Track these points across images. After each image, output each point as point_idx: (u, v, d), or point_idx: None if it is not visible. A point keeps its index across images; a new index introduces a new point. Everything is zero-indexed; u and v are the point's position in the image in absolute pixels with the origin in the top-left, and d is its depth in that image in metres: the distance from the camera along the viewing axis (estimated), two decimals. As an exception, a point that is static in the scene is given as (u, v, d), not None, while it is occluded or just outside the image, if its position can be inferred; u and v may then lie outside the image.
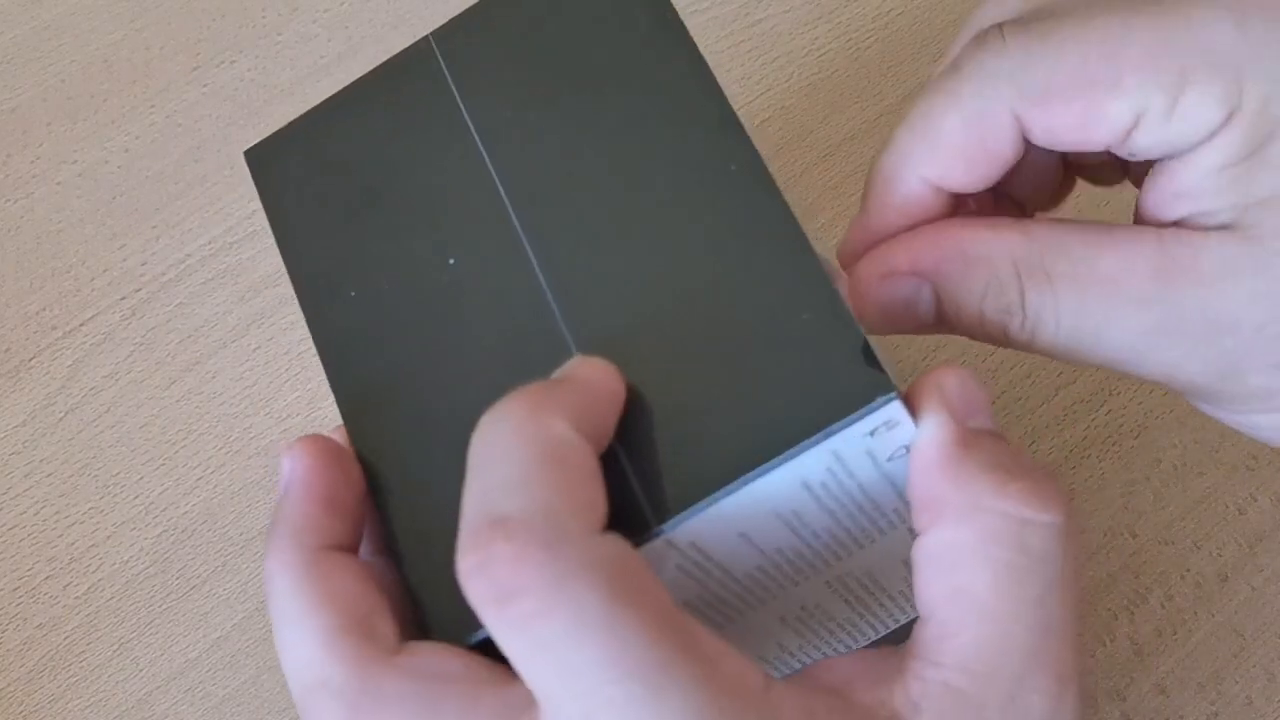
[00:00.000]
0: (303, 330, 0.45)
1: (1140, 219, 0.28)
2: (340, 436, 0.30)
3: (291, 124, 0.33)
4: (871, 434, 0.26)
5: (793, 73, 0.46)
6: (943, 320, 0.28)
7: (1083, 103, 0.26)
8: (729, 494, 0.26)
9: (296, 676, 0.27)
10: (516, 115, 0.30)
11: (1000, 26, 0.27)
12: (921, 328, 0.28)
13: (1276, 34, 0.25)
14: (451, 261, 0.29)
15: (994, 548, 0.26)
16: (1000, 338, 0.27)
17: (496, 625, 0.24)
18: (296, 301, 0.45)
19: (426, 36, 0.31)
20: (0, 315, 0.46)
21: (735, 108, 0.29)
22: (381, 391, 0.29)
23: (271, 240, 0.46)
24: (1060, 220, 0.28)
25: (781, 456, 0.26)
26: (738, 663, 0.25)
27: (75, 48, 0.51)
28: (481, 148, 0.30)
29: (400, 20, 0.50)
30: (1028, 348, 0.27)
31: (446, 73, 0.31)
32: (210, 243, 0.46)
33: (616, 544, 0.25)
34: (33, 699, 0.40)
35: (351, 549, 0.29)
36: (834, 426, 0.25)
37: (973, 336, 0.28)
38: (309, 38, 0.50)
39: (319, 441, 0.29)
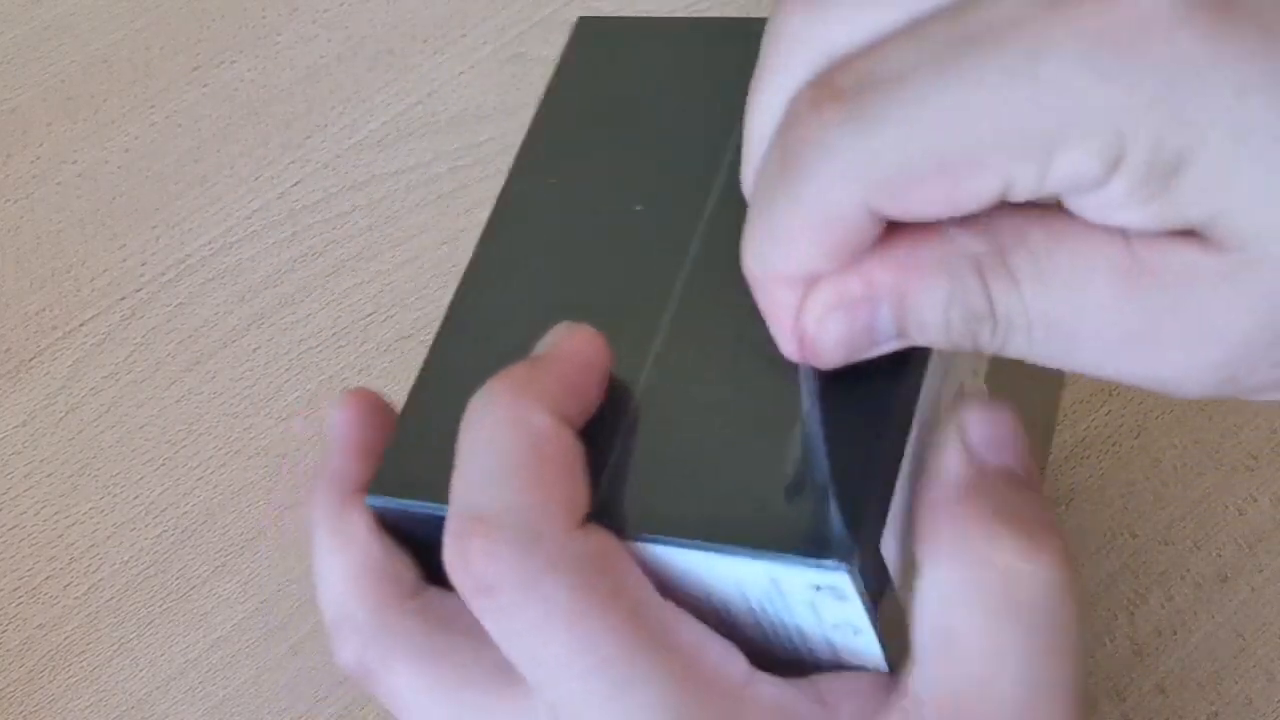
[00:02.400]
0: (302, 330, 0.45)
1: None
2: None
3: (626, 18, 0.33)
4: (817, 589, 0.25)
5: (793, 73, 0.46)
6: (906, 336, 0.25)
7: (942, 187, 0.22)
8: (654, 543, 0.26)
9: (327, 610, 0.29)
10: None
11: (829, 94, 0.23)
12: (884, 348, 0.25)
13: (1139, 72, 0.21)
14: (638, 208, 0.30)
15: (980, 592, 0.25)
16: (971, 346, 0.25)
17: (479, 613, 0.25)
18: (298, 301, 0.45)
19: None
20: (0, 315, 0.46)
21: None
22: (498, 278, 0.30)
23: (271, 240, 0.46)
24: (1020, 207, 0.24)
25: (715, 546, 0.25)
26: (719, 656, 0.26)
27: (75, 48, 0.51)
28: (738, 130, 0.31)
29: (400, 20, 0.50)
30: (1002, 354, 0.25)
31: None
32: (210, 243, 0.46)
33: (592, 540, 0.25)
34: (32, 699, 0.40)
35: None
36: (771, 554, 0.25)
37: (940, 347, 0.25)
38: (309, 38, 0.50)
39: (362, 395, 0.30)
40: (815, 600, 0.26)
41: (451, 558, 0.25)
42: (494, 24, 0.50)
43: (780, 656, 0.28)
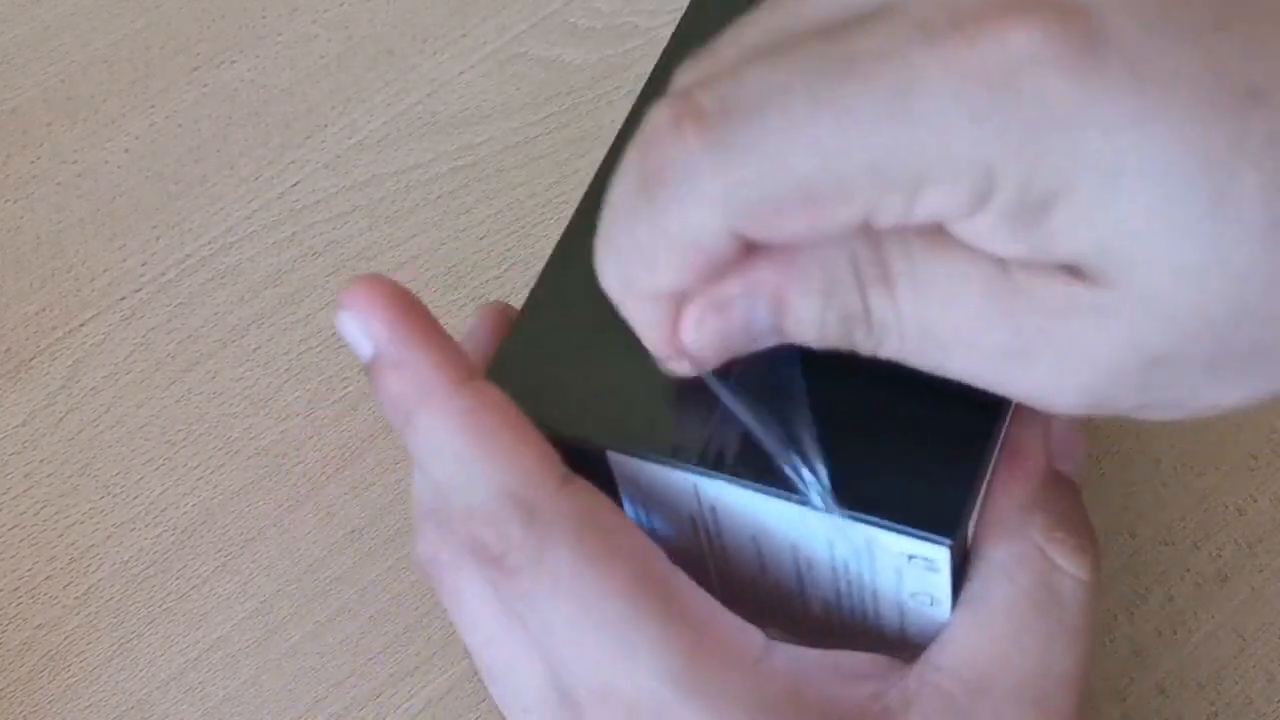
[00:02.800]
0: (302, 330, 0.45)
1: None
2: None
3: None
4: (910, 558, 0.26)
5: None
6: (782, 334, 0.25)
7: (807, 216, 0.22)
8: (754, 489, 0.26)
9: (419, 501, 0.29)
10: None
11: (689, 112, 0.22)
12: (761, 345, 0.25)
13: (1009, 115, 0.21)
14: None
15: (1020, 572, 0.27)
16: (847, 347, 0.24)
17: (501, 594, 0.26)
18: (298, 301, 0.45)
19: None
20: (0, 315, 0.46)
21: None
22: None
23: (271, 240, 0.46)
24: None
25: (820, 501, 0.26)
26: (731, 628, 0.26)
27: (75, 48, 0.51)
28: None
29: (400, 20, 0.50)
30: (876, 355, 0.24)
31: None
32: (210, 243, 0.46)
33: (580, 494, 0.26)
34: (32, 699, 0.40)
35: None
36: (877, 520, 0.26)
37: (818, 346, 0.25)
38: (309, 38, 0.50)
39: (500, 311, 0.30)
40: (903, 567, 0.26)
41: (467, 552, 0.26)
42: (494, 24, 0.50)
43: (844, 615, 0.29)
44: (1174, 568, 0.39)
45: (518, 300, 0.31)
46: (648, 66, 0.50)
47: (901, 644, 0.29)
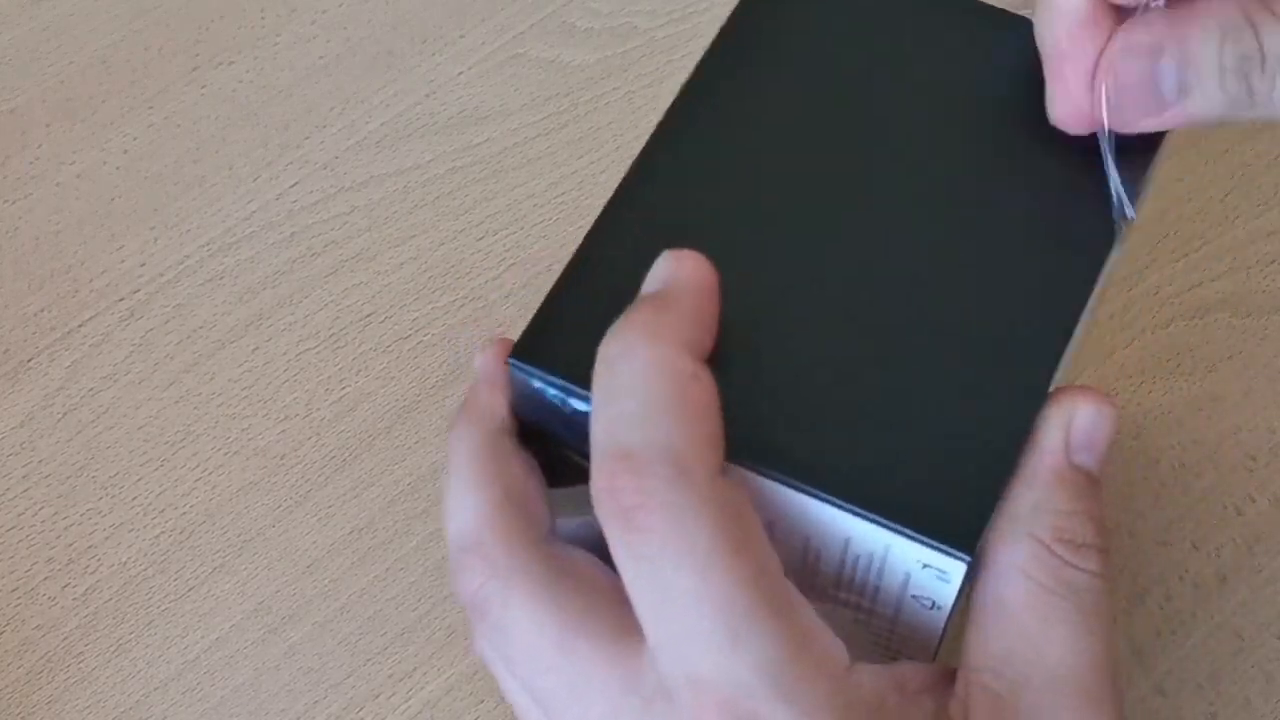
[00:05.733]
0: (301, 331, 0.45)
1: None
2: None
3: None
4: (923, 566, 0.26)
5: (791, 73, 0.46)
6: (1186, 91, 0.28)
7: None
8: (789, 485, 0.27)
9: (456, 538, 0.29)
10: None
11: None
12: (1163, 113, 0.29)
13: None
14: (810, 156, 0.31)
15: (1034, 569, 0.27)
16: (1245, 99, 0.28)
17: (616, 545, 0.26)
18: (296, 302, 0.45)
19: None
20: (-1, 316, 0.46)
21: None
22: (667, 175, 0.31)
23: (270, 241, 0.46)
24: None
25: (852, 507, 0.26)
26: (826, 639, 0.27)
27: (74, 48, 0.51)
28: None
29: (399, 21, 0.50)
30: (1273, 104, 0.28)
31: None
32: (209, 244, 0.46)
33: (733, 488, 0.26)
34: (30, 700, 0.40)
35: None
36: (904, 529, 0.26)
37: (1215, 101, 0.28)
38: (307, 39, 0.50)
39: (509, 341, 0.30)
40: (914, 572, 0.27)
41: (599, 490, 0.26)
42: (493, 24, 0.50)
43: (839, 604, 0.29)
44: (1172, 568, 0.39)
45: (517, 299, 0.31)
46: (647, 67, 0.50)
47: (889, 635, 0.29)
